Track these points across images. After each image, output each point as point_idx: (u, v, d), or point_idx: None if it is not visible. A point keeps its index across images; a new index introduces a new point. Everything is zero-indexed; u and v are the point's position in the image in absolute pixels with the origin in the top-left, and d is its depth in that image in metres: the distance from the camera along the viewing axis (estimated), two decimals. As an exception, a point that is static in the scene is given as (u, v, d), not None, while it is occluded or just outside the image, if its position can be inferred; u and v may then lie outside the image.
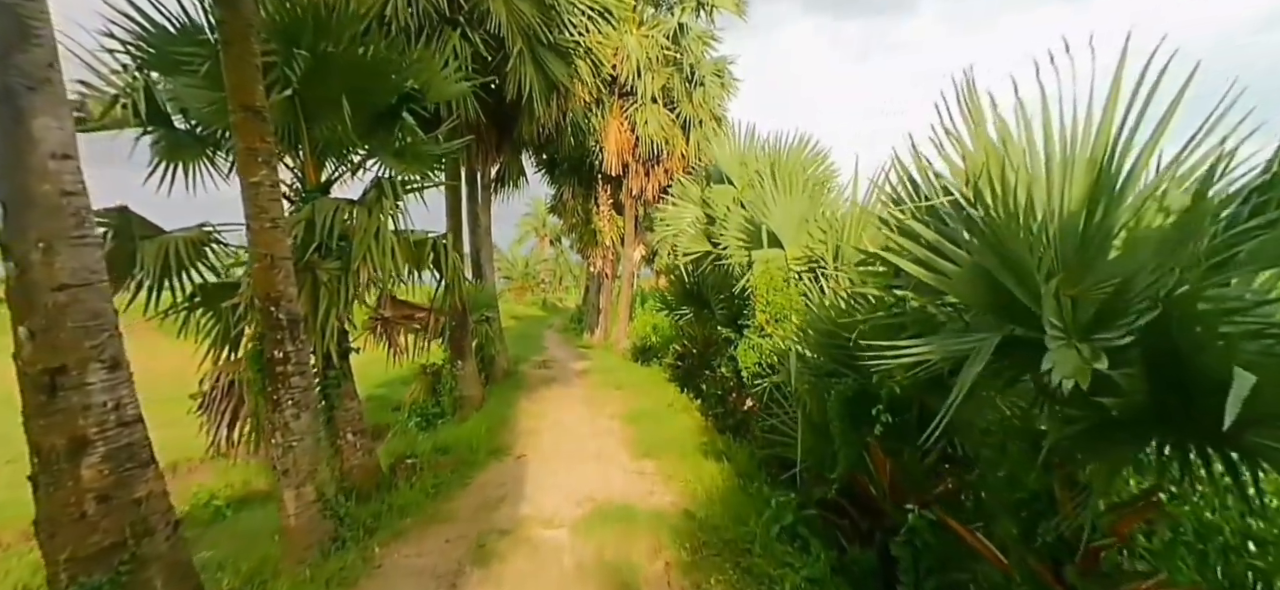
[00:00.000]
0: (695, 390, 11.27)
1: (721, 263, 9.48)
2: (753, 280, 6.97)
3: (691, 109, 16.60)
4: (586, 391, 10.63)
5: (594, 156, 16.99)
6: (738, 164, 9.19)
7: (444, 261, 6.68)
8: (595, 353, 17.85)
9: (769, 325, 6.65)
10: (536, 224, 44.33)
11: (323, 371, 5.97)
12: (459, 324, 10.20)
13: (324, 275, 5.47)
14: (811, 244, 6.47)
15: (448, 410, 10.30)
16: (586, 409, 8.99)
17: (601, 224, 18.38)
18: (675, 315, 12.65)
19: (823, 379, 4.16)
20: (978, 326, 2.37)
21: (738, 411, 9.13)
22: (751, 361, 6.87)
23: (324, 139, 6.07)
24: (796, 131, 8.54)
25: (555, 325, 30.72)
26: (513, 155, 14.19)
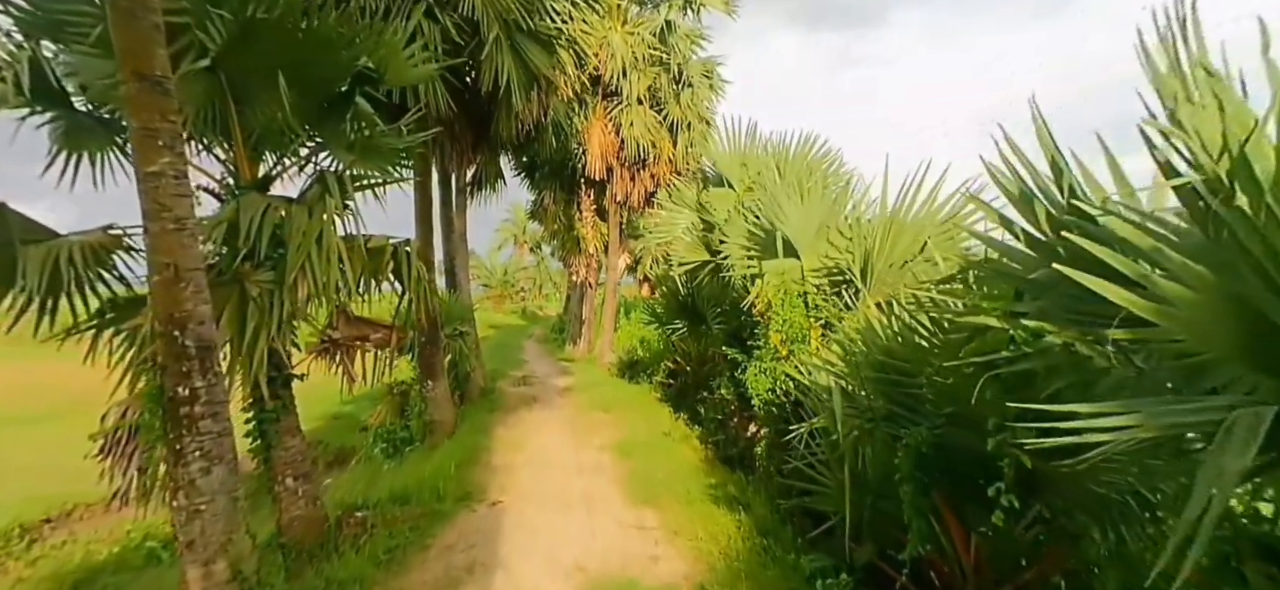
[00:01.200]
0: (690, 413, 10.36)
1: (722, 274, 8.62)
2: (765, 294, 6.09)
3: (679, 111, 15.77)
4: (571, 414, 9.66)
5: (577, 159, 16.06)
6: (738, 165, 8.34)
7: (407, 271, 5.70)
8: (578, 367, 16.85)
9: (784, 346, 5.77)
10: (516, 230, 43.22)
11: (256, 405, 4.97)
12: (429, 340, 9.17)
13: (254, 289, 4.46)
14: (833, 254, 5.61)
15: (416, 435, 9.26)
16: (571, 436, 8.02)
17: (585, 231, 17.42)
18: (666, 330, 11.75)
19: (876, 424, 3.27)
20: (1222, 382, 1.50)
21: (740, 438, 8.25)
22: (763, 388, 5.98)
23: (259, 126, 5.06)
24: (800, 131, 7.75)
25: (535, 335, 29.61)
26: (490, 156, 13.18)
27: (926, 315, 3.02)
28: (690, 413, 10.33)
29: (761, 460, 6.19)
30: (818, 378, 4.98)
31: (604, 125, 15.71)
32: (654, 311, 12.23)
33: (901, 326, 3.22)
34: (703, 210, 8.56)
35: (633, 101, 15.14)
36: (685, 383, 11.26)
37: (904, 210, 4.97)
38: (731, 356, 6.87)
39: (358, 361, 6.30)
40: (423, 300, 6.02)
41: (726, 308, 8.84)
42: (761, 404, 6.00)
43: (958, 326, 2.63)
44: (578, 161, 16.04)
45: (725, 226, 7.94)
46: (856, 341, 3.78)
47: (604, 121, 15.73)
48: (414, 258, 5.80)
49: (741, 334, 8.53)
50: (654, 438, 7.73)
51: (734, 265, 7.94)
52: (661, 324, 12.09)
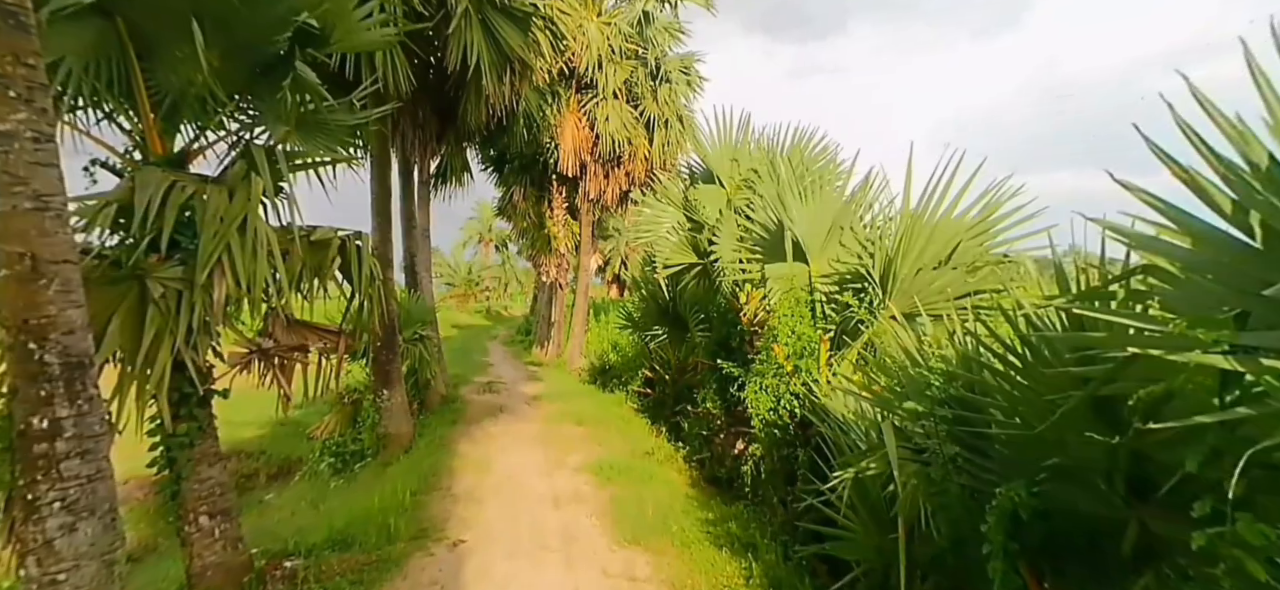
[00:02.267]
0: (669, 426, 9.65)
1: (710, 278, 7.93)
2: (769, 302, 5.41)
3: (656, 107, 15.06)
4: (542, 427, 8.83)
5: (548, 154, 15.21)
6: (727, 161, 7.68)
7: (357, 268, 4.84)
8: (547, 372, 15.98)
9: (790, 361, 5.10)
10: (482, 228, 41.93)
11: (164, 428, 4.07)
12: (386, 345, 8.24)
13: (157, 287, 3.55)
14: (846, 258, 4.96)
15: (369, 447, 8.31)
16: (543, 455, 7.21)
17: (556, 229, 16.55)
18: (643, 336, 11.02)
19: (947, 472, 2.59)
20: None
21: (727, 457, 7.57)
22: (764, 406, 5.29)
23: (174, 89, 4.14)
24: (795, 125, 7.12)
25: (500, 336, 28.51)
26: (456, 147, 12.26)
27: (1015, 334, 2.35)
28: (670, 426, 9.63)
29: (762, 486, 5.50)
30: (834, 399, 4.32)
31: (578, 119, 14.91)
32: (629, 315, 11.49)
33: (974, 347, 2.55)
34: (690, 209, 7.87)
35: (608, 95, 14.37)
36: (663, 393, 10.55)
37: (929, 209, 4.33)
38: (726, 369, 6.15)
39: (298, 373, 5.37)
40: (377, 302, 5.17)
41: (714, 314, 8.16)
42: (762, 425, 5.31)
43: (1075, 353, 1.97)
44: (549, 156, 15.19)
45: (717, 226, 7.27)
46: (906, 363, 3.10)
47: (578, 115, 14.93)
48: (366, 253, 4.95)
49: (729, 343, 7.87)
50: (635, 458, 6.98)
51: (725, 269, 7.28)
52: (638, 329, 11.36)
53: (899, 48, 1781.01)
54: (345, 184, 6.57)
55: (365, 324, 5.41)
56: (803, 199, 5.27)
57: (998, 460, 2.44)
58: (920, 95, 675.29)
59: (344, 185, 6.44)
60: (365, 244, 4.94)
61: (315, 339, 5.36)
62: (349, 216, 7.71)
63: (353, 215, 10.26)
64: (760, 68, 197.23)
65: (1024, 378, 2.29)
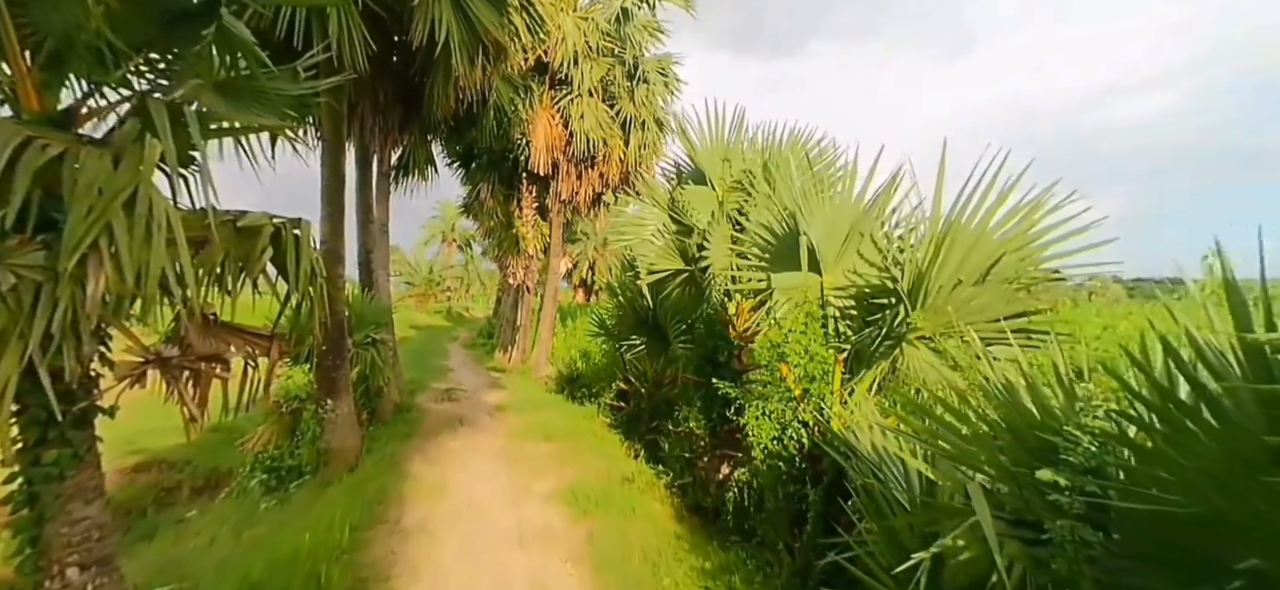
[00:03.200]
0: (644, 444, 8.91)
1: (697, 287, 7.26)
2: (775, 316, 4.74)
3: (633, 108, 14.37)
4: (506, 442, 7.99)
5: (519, 151, 14.35)
6: (718, 160, 7.03)
7: (295, 262, 3.98)
8: (511, 379, 15.06)
9: (800, 384, 4.44)
10: (444, 227, 40.52)
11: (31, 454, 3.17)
12: (332, 350, 7.30)
13: (6, 276, 2.66)
14: (865, 269, 4.33)
15: (308, 464, 7.33)
16: (508, 476, 6.39)
17: (525, 230, 15.65)
18: (618, 346, 10.27)
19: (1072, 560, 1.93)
20: None
21: (711, 482, 6.89)
22: (767, 435, 4.61)
23: (57, 32, 3.23)
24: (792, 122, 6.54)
25: (461, 339, 27.33)
26: (420, 138, 11.34)
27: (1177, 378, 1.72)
28: (645, 444, 8.90)
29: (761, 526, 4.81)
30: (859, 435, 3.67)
31: (551, 116, 14.11)
32: (603, 322, 10.74)
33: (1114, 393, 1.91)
34: (677, 211, 7.18)
35: (584, 92, 13.62)
36: (639, 407, 9.81)
37: (968, 214, 3.72)
38: (722, 390, 5.46)
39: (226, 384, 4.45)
40: (318, 301, 4.31)
41: (700, 326, 7.49)
42: (764, 457, 4.63)
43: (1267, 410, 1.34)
44: (520, 153, 14.33)
45: (708, 230, 6.61)
46: (978, 401, 2.45)
47: (551, 112, 14.13)
48: (307, 244, 4.08)
49: (717, 357, 7.20)
50: (613, 483, 6.23)
51: (716, 277, 6.62)
52: (612, 338, 10.61)
53: (857, 69, 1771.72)
54: (294, 170, 5.67)
55: (304, 327, 4.56)
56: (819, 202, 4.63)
57: (1154, 551, 1.79)
58: (882, 115, 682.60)
59: (293, 171, 5.54)
60: (305, 234, 4.08)
61: (241, 344, 4.46)
62: (299, 208, 6.76)
63: (302, 207, 9.10)
64: (727, 82, 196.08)
65: (1203, 443, 1.64)
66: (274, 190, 5.20)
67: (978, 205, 3.65)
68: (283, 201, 4.76)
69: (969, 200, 3.67)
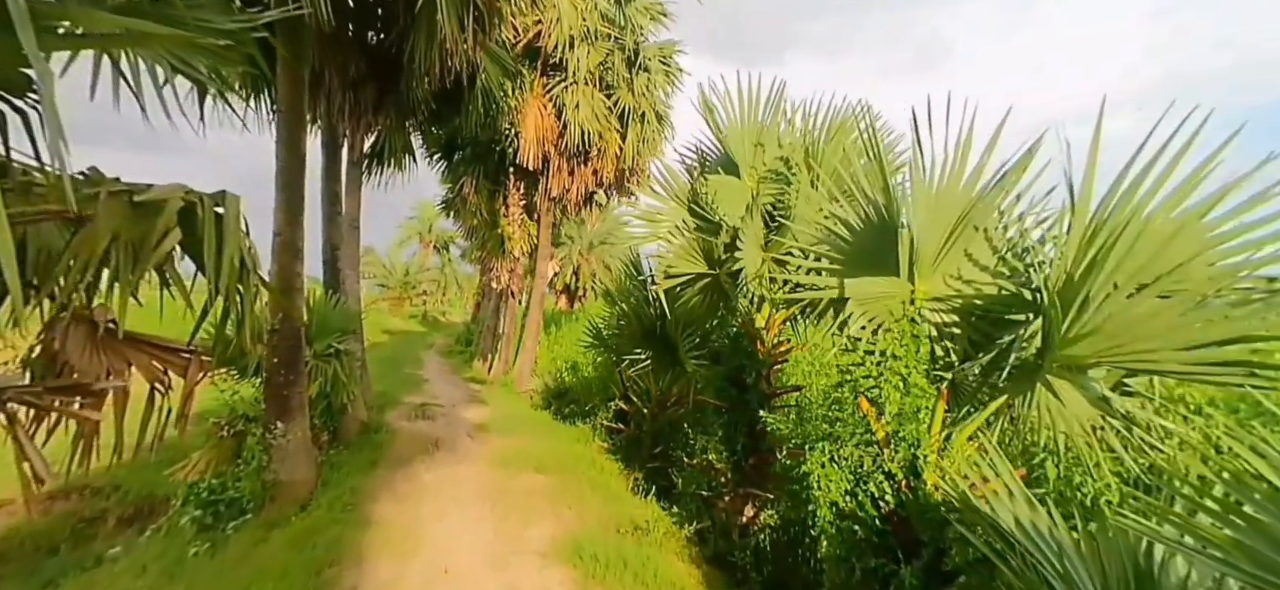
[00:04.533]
0: (645, 471, 7.91)
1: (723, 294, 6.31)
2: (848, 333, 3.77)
3: (631, 99, 13.40)
4: (490, 474, 6.92)
5: (507, 142, 13.30)
6: (750, 144, 6.10)
7: (216, 251, 2.94)
8: (493, 392, 13.94)
9: (884, 424, 3.49)
10: (421, 227, 39.15)
11: None
12: (285, 362, 6.19)
13: None
14: (977, 276, 3.40)
15: (250, 498, 6.20)
16: (494, 525, 5.33)
17: (511, 229, 14.55)
18: (618, 360, 9.26)
19: None
20: None
21: (733, 526, 5.92)
22: (839, 488, 3.64)
23: None
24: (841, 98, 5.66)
25: (437, 345, 26.07)
26: (397, 122, 10.23)
27: None
28: (648, 474, 7.89)
29: None
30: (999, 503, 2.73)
31: (542, 105, 13.09)
32: (598, 333, 9.72)
33: None
34: (701, 205, 6.22)
35: (579, 79, 12.62)
36: (640, 430, 8.81)
37: (1135, 201, 2.77)
38: (773, 426, 4.49)
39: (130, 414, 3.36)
40: (249, 303, 3.26)
41: (724, 340, 6.53)
42: (833, 517, 3.65)
43: None
44: (508, 145, 13.29)
45: (741, 227, 5.65)
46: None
47: (542, 100, 13.11)
48: (233, 227, 3.04)
49: (742, 377, 6.25)
50: (623, 534, 5.20)
51: (749, 283, 5.67)
52: (611, 351, 9.59)
53: (834, 78, 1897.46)
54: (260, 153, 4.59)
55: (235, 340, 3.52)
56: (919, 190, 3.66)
57: None
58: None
59: (251, 151, 4.47)
60: (232, 213, 3.03)
61: (145, 363, 3.39)
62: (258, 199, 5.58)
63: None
64: (709, 86, 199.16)
65: None
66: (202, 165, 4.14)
67: (1153, 188, 2.72)
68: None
69: (1139, 182, 2.73)
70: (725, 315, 6.85)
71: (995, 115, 3.20)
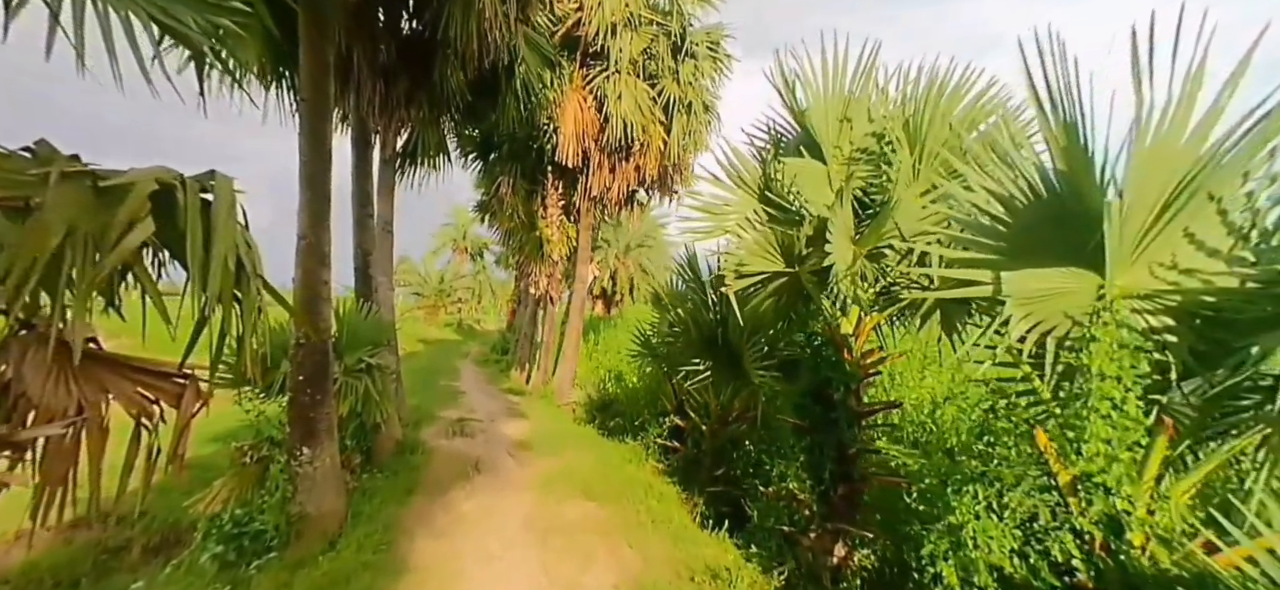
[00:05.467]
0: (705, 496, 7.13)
1: (801, 295, 5.52)
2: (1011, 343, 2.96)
3: (676, 88, 12.68)
4: (536, 502, 6.26)
5: (545, 139, 12.72)
6: (835, 119, 5.30)
7: (201, 244, 2.32)
8: (532, 404, 13.34)
9: (1075, 464, 2.66)
10: (456, 234, 39.12)
11: None
12: (311, 379, 5.64)
13: None
14: (1210, 266, 2.55)
15: (274, 532, 5.65)
16: (545, 568, 4.64)
17: (550, 231, 13.96)
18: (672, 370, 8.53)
19: None
20: None
21: (823, 568, 5.11)
22: (1002, 545, 2.82)
23: None
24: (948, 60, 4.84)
25: (472, 354, 25.75)
26: (430, 117, 9.70)
27: None
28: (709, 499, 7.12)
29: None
30: None
31: (582, 97, 12.47)
32: (647, 341, 9.01)
33: None
34: (776, 193, 5.44)
35: (623, 67, 11.95)
36: (698, 449, 8.05)
37: None
38: (898, 460, 3.70)
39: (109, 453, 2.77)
40: (251, 312, 2.65)
41: (800, 349, 5.73)
42: (994, 587, 2.83)
43: None
44: (546, 141, 12.71)
45: (830, 217, 4.86)
46: None
47: (582, 93, 12.50)
48: (225, 217, 2.41)
49: (828, 392, 5.43)
50: (697, 579, 4.46)
51: (839, 280, 4.88)
52: (661, 360, 8.87)
53: None
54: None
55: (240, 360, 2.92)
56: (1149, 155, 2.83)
57: None
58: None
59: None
60: (223, 198, 2.40)
61: (127, 390, 2.79)
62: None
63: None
64: (736, 80, 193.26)
65: None
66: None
67: None
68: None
69: None
70: (798, 320, 6.06)
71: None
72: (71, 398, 2.57)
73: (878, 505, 5.51)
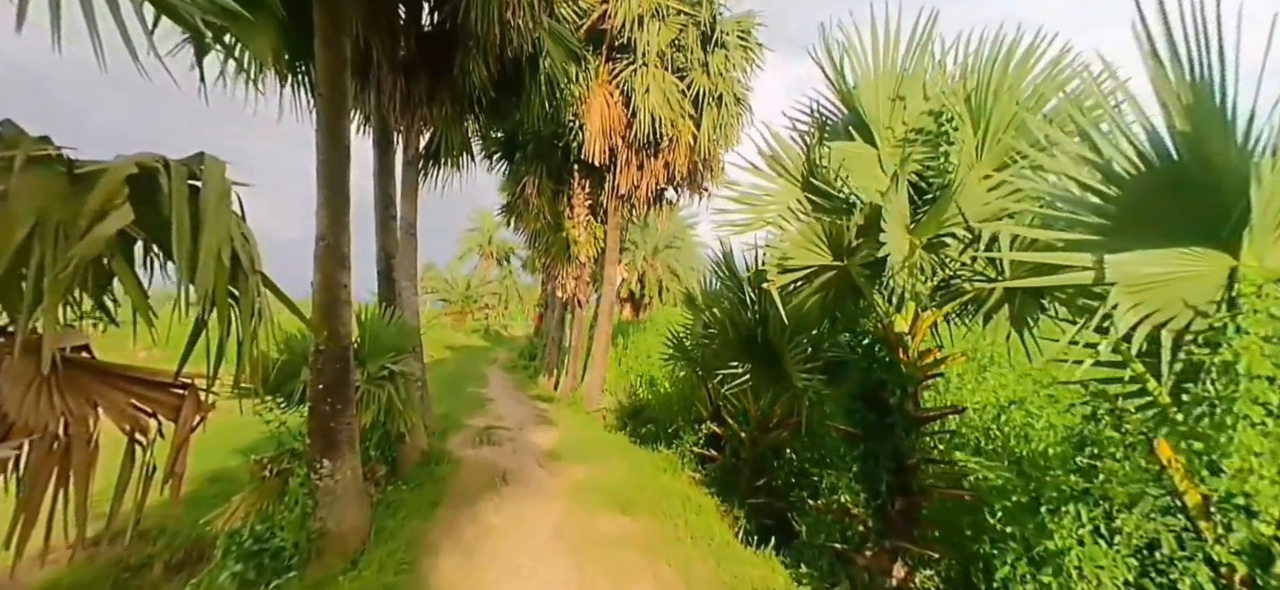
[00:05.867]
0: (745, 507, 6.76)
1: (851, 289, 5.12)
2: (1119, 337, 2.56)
3: (706, 80, 12.33)
4: (568, 514, 5.97)
5: (571, 136, 12.49)
6: (888, 98, 4.92)
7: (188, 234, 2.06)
8: (561, 411, 13.09)
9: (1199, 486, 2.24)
10: (481, 239, 39.25)
11: None
12: (331, 388, 5.44)
13: None
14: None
15: (293, 548, 5.45)
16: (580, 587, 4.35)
17: (577, 232, 13.72)
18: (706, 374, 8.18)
19: None
20: None
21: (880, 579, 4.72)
22: (1113, 580, 2.41)
23: None
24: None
25: (500, 360, 25.67)
26: (453, 114, 9.51)
27: None
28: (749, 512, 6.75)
29: None
30: None
31: (608, 93, 12.21)
32: (679, 344, 8.67)
33: None
34: (821, 181, 5.07)
35: (651, 59, 11.65)
36: (737, 458, 7.68)
37: None
38: (972, 469, 3.31)
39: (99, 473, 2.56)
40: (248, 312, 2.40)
41: (857, 349, 5.35)
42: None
43: None
44: (572, 138, 12.48)
45: (886, 203, 4.47)
46: None
47: (608, 88, 12.23)
48: (216, 204, 2.16)
49: (882, 396, 5.04)
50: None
51: (895, 273, 4.48)
52: (695, 364, 8.53)
53: None
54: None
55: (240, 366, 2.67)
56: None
57: None
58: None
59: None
60: (214, 182, 2.15)
61: (121, 403, 2.56)
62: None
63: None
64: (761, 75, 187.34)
65: None
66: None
67: None
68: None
69: None
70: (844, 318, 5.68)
71: None
72: (54, 412, 2.35)
73: (938, 520, 5.10)
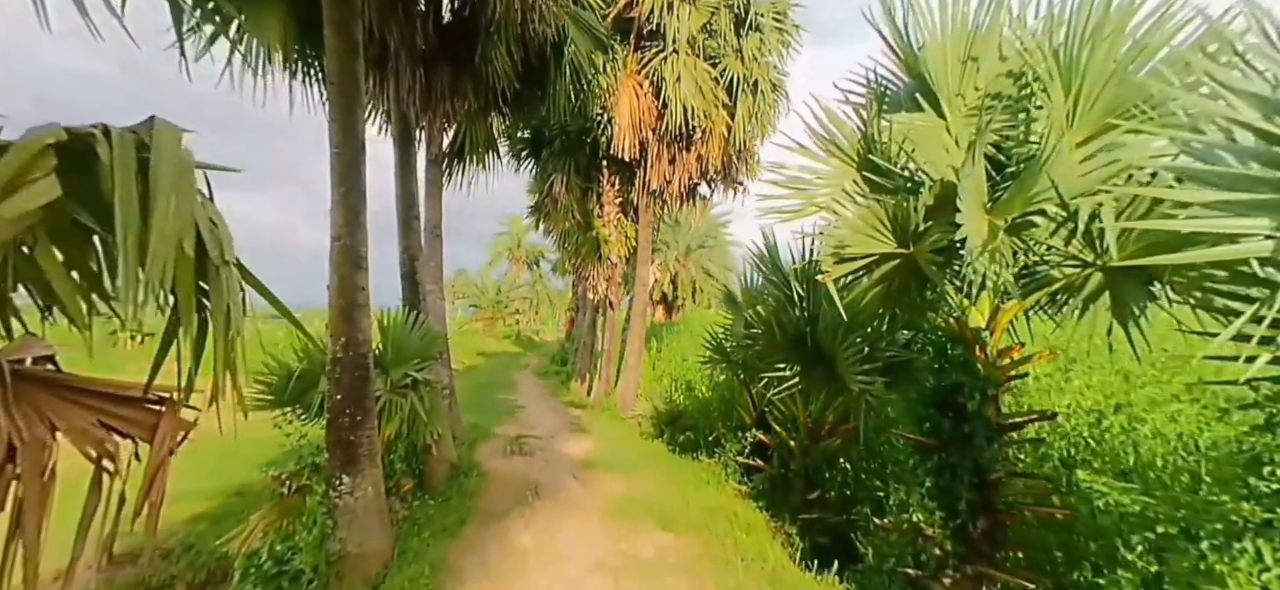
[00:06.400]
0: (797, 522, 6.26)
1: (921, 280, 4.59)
2: None
3: (740, 67, 11.81)
4: (605, 534, 5.56)
5: (599, 130, 12.11)
6: (958, 62, 4.39)
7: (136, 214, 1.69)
8: (594, 418, 12.70)
9: None
10: (511, 244, 39.26)
11: None
12: (350, 398, 5.13)
13: None
14: None
15: (314, 570, 5.14)
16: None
17: (607, 231, 13.34)
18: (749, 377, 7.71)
19: None
20: None
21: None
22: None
23: None
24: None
25: (531, 366, 25.48)
26: (477, 110, 9.21)
27: None
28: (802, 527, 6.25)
29: None
30: None
31: (637, 84, 11.79)
32: (719, 345, 8.20)
33: None
34: (882, 158, 4.55)
35: (682, 46, 11.20)
36: (786, 468, 7.16)
37: None
38: (1110, 499, 2.77)
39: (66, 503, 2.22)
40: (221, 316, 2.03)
41: (927, 349, 4.82)
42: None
43: None
44: (601, 133, 12.09)
45: (961, 179, 3.95)
46: None
47: (637, 79, 11.82)
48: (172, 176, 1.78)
49: (959, 401, 4.49)
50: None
51: (973, 260, 3.96)
52: (737, 366, 8.05)
53: None
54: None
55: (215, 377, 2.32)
56: None
57: None
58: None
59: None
60: (167, 150, 1.78)
61: (82, 422, 2.22)
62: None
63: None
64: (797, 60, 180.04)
65: None
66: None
67: None
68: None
69: None
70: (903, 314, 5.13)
71: None
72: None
73: (1022, 542, 4.53)
